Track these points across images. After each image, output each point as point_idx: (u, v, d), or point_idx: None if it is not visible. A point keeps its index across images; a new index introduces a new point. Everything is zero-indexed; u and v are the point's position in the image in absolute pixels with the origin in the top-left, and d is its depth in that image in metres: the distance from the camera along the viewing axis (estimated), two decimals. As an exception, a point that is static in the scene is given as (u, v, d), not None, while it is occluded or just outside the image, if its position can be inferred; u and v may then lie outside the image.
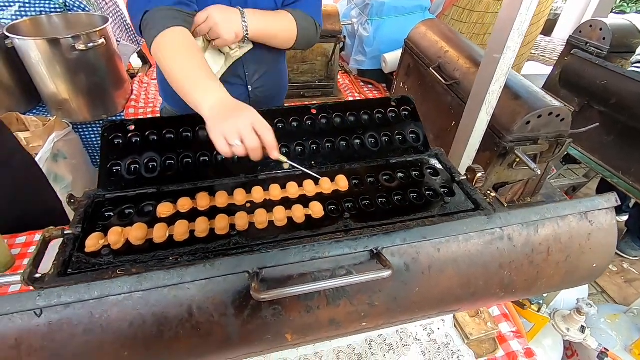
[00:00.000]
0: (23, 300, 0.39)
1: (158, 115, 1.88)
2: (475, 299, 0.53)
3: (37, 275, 0.68)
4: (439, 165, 1.00)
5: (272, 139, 0.75)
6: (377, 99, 1.10)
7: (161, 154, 0.93)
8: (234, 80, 1.20)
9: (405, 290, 0.49)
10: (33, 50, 1.70)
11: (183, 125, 0.97)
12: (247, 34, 1.06)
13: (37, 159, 1.68)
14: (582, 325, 1.09)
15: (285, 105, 1.33)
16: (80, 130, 2.03)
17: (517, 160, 1.33)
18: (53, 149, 1.78)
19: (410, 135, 1.06)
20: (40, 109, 2.02)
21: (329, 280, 0.43)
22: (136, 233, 0.75)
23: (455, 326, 0.98)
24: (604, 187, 2.38)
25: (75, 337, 0.40)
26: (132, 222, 0.79)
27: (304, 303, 0.46)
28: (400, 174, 0.96)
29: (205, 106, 0.76)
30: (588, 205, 0.54)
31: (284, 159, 0.83)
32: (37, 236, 1.16)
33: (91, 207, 0.84)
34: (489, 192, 0.92)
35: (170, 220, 0.80)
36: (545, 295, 1.12)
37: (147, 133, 0.95)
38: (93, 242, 0.73)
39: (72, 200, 0.86)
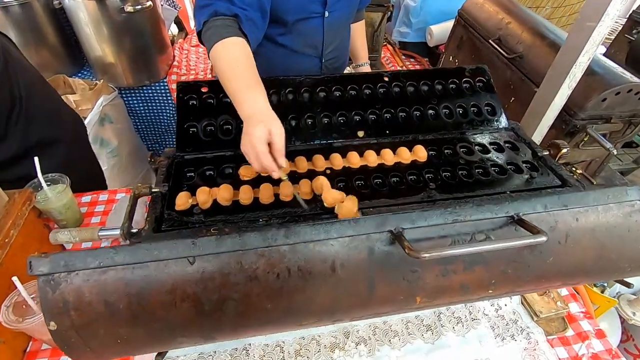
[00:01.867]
0: (179, 248, 0.38)
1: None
2: (599, 273, 0.51)
3: (134, 230, 0.69)
4: (517, 140, 0.96)
5: (281, 146, 0.75)
6: (451, 69, 1.05)
7: (236, 117, 0.92)
8: (310, 51, 1.16)
9: (540, 260, 0.47)
10: (82, 11, 1.68)
11: (256, 88, 0.95)
12: None
13: (86, 122, 1.70)
14: (648, 310, 1.07)
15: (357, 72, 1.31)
16: (123, 95, 2.03)
17: (585, 139, 1.27)
18: (101, 113, 1.79)
19: (486, 108, 1.02)
20: (85, 72, 2.02)
21: (493, 242, 0.42)
22: (224, 194, 0.75)
23: (522, 303, 0.97)
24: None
25: (225, 286, 0.40)
26: (216, 183, 0.79)
27: (442, 267, 0.45)
28: (478, 147, 0.93)
29: (242, 114, 0.79)
30: None
31: (284, 176, 0.77)
32: (102, 196, 1.18)
33: (172, 167, 0.84)
34: (574, 168, 0.88)
35: (253, 183, 0.79)
36: (609, 278, 1.09)
37: (220, 95, 0.94)
38: (182, 201, 0.74)
39: (152, 160, 0.86)
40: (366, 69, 1.45)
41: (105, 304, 0.38)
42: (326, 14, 1.08)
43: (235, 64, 0.82)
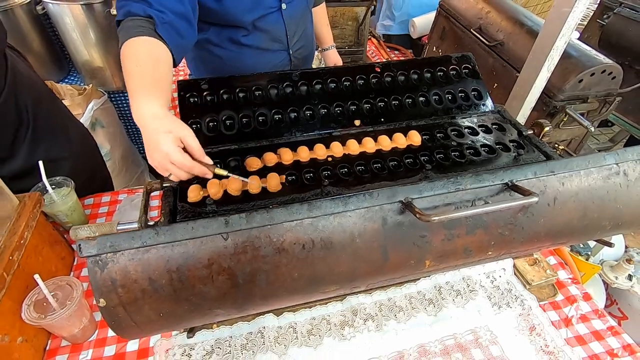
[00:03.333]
0: (213, 226, 0.42)
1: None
2: (584, 232, 0.57)
3: (151, 223, 0.72)
4: (503, 121, 1.02)
5: (199, 147, 0.71)
6: (438, 58, 1.11)
7: (237, 112, 0.95)
8: (277, 46, 1.17)
9: (532, 221, 0.53)
10: (67, 16, 1.68)
11: (256, 83, 0.99)
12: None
13: (77, 127, 1.69)
14: (629, 274, 1.15)
15: (351, 64, 1.34)
16: (113, 99, 2.02)
17: (565, 119, 1.35)
18: (92, 118, 1.79)
19: (473, 93, 1.08)
20: (72, 77, 2.01)
21: (493, 204, 0.47)
22: (234, 185, 0.78)
23: (515, 274, 1.04)
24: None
25: (257, 258, 0.44)
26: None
27: (447, 231, 0.50)
28: (467, 130, 0.99)
29: (137, 121, 0.73)
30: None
31: (223, 171, 0.74)
32: (105, 197, 1.20)
33: (179, 163, 0.86)
34: (557, 144, 0.95)
35: (259, 174, 0.83)
36: (593, 246, 1.18)
37: (221, 91, 0.97)
38: (194, 194, 0.77)
39: (159, 157, 0.89)
40: (333, 52, 1.45)
41: (149, 280, 0.42)
42: (283, 6, 1.09)
43: (135, 63, 0.76)
